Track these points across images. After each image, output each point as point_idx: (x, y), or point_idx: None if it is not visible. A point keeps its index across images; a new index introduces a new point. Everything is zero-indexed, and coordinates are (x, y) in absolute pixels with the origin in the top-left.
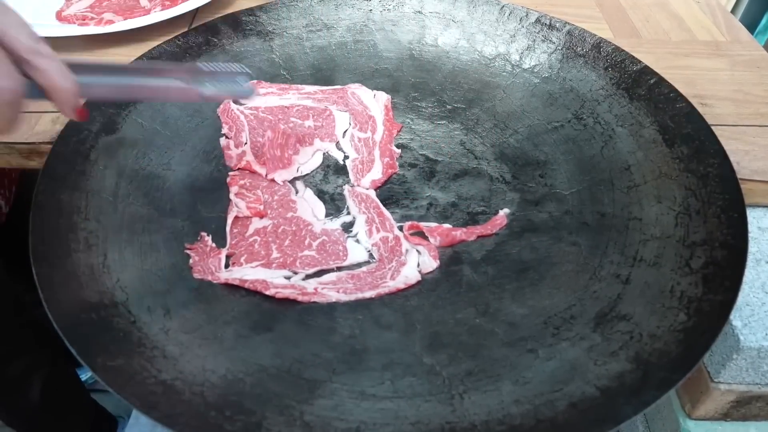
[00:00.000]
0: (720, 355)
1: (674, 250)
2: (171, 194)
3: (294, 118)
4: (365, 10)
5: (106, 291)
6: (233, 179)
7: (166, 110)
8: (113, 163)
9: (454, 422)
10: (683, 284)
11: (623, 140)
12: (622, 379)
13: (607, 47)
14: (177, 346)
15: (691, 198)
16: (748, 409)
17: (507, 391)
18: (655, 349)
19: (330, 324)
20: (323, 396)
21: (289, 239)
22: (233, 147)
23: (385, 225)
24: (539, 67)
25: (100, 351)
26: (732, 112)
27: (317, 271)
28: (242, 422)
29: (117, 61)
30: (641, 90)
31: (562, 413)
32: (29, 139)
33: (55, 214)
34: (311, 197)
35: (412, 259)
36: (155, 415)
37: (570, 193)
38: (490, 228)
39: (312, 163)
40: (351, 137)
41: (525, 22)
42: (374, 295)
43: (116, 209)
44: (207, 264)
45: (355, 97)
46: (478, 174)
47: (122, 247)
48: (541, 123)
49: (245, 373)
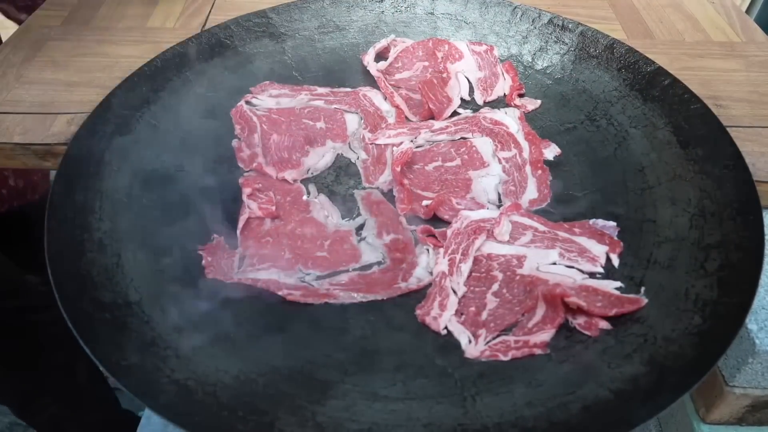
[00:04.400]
0: (735, 358)
1: (689, 252)
2: (184, 195)
3: (306, 119)
4: (377, 12)
5: (119, 291)
6: (246, 181)
7: (180, 112)
8: (127, 164)
9: (466, 424)
10: (698, 287)
11: (637, 142)
12: (636, 382)
13: (621, 48)
14: (190, 346)
15: (706, 200)
16: (763, 414)
17: (520, 393)
18: (670, 352)
19: (342, 325)
20: (335, 397)
21: (302, 240)
22: (245, 148)
23: (397, 226)
24: (552, 68)
25: (114, 350)
26: (747, 114)
27: (329, 272)
28: (255, 422)
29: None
30: (655, 91)
31: (576, 416)
32: (45, 140)
33: (70, 215)
34: (324, 200)
35: (424, 260)
36: (168, 415)
37: (583, 195)
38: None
39: (323, 164)
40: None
41: (537, 24)
42: (386, 297)
43: (130, 210)
44: (220, 264)
45: (367, 99)
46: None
47: (136, 247)
48: (554, 124)
49: (258, 373)
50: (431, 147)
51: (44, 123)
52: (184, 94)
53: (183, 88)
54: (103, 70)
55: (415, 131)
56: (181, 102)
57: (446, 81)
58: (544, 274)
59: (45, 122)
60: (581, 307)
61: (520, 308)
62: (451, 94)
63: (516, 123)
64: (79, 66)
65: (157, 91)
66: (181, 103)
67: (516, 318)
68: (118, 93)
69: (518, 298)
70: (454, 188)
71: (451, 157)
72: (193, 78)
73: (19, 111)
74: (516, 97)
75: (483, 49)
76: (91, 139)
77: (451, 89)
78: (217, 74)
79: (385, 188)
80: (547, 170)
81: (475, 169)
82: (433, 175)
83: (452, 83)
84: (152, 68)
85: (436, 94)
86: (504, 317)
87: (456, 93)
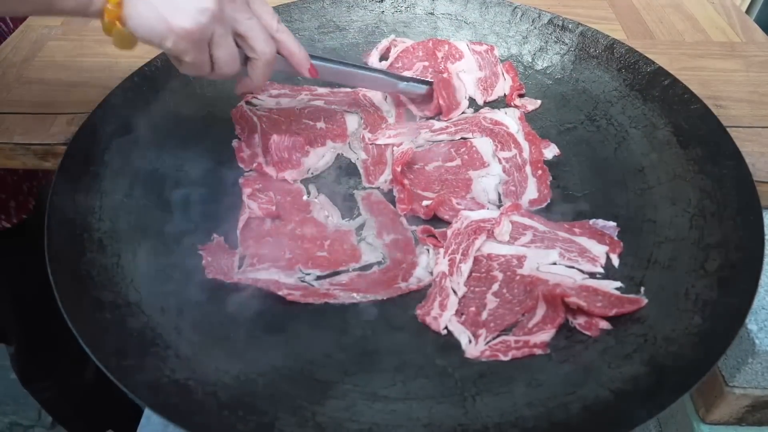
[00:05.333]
0: (735, 359)
1: (689, 252)
2: (184, 195)
3: (306, 119)
4: (377, 12)
5: (119, 291)
6: (246, 181)
7: (180, 112)
8: (127, 164)
9: (466, 424)
10: (698, 287)
11: (637, 142)
12: (636, 383)
13: (621, 48)
14: (190, 346)
15: (706, 200)
16: (763, 414)
17: (520, 393)
18: (670, 352)
19: (342, 325)
20: (335, 397)
21: (302, 240)
22: (245, 148)
23: (397, 226)
24: (552, 68)
25: (114, 350)
26: (747, 114)
27: (329, 272)
28: (255, 422)
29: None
30: (655, 91)
31: (576, 416)
32: (45, 140)
33: (70, 215)
34: (324, 200)
35: (424, 260)
36: (168, 415)
37: (583, 195)
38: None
39: (323, 164)
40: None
41: (537, 24)
42: (386, 297)
43: (130, 210)
44: (220, 264)
45: (367, 99)
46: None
47: (136, 247)
48: (554, 124)
49: (258, 373)
50: (431, 147)
51: (44, 123)
52: (184, 94)
53: (183, 88)
54: (103, 70)
55: (415, 131)
56: (181, 102)
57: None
58: (544, 274)
59: (45, 122)
60: (581, 307)
61: (520, 308)
62: (459, 97)
63: (516, 123)
64: (79, 66)
65: (157, 91)
66: (181, 103)
67: (516, 318)
68: (118, 93)
69: (518, 298)
70: (454, 188)
71: (451, 157)
72: (193, 78)
73: (19, 111)
74: (516, 97)
75: (483, 49)
76: (91, 139)
77: (459, 92)
78: None
79: (385, 188)
80: (547, 170)
81: (475, 169)
82: (433, 175)
83: (458, 85)
84: (152, 68)
85: (449, 93)
86: (504, 317)
87: (463, 95)
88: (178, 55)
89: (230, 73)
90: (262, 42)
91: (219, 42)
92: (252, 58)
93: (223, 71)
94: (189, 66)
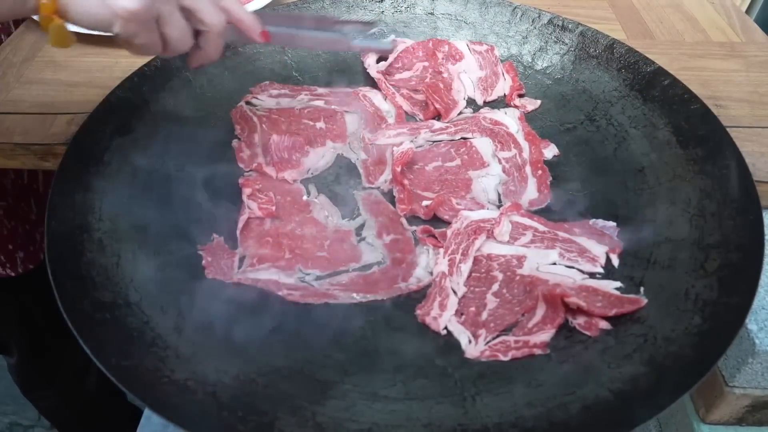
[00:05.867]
0: (735, 359)
1: (689, 252)
2: (184, 195)
3: (306, 119)
4: (377, 12)
5: (119, 291)
6: (246, 181)
7: (180, 112)
8: (127, 164)
9: (466, 424)
10: (698, 287)
11: (637, 142)
12: (636, 383)
13: (621, 48)
14: (190, 346)
15: (706, 200)
16: (763, 414)
17: (519, 393)
18: (670, 352)
19: (342, 325)
20: (335, 397)
21: (301, 240)
22: (245, 149)
23: (397, 227)
24: (552, 68)
25: (114, 350)
26: (747, 114)
27: (329, 272)
28: (255, 422)
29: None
30: (655, 91)
31: (576, 416)
32: (45, 140)
33: (70, 215)
34: (324, 200)
35: (424, 260)
36: (168, 415)
37: (583, 195)
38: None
39: (323, 164)
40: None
41: (537, 24)
42: (386, 297)
43: (130, 210)
44: (220, 264)
45: (367, 99)
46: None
47: (136, 247)
48: (554, 124)
49: (257, 373)
50: (431, 147)
51: (44, 123)
52: (184, 94)
53: (183, 88)
54: (103, 70)
55: (415, 131)
56: (181, 102)
57: (450, 84)
58: (544, 274)
59: (45, 122)
60: (581, 307)
61: (520, 308)
62: (457, 98)
63: (516, 123)
64: (79, 66)
65: (157, 91)
66: (181, 103)
67: (516, 318)
68: (118, 93)
69: (518, 298)
70: (454, 188)
71: (451, 157)
72: (193, 78)
73: (19, 111)
74: (516, 97)
75: (483, 49)
76: (91, 139)
77: (457, 92)
78: (217, 74)
79: (385, 188)
80: (547, 170)
81: (475, 169)
82: (433, 175)
83: (456, 86)
84: (152, 68)
85: (441, 97)
86: (504, 317)
87: (461, 96)
88: (129, 38)
89: (184, 49)
90: (210, 13)
91: (167, 19)
92: (203, 31)
93: (176, 48)
94: (141, 48)
